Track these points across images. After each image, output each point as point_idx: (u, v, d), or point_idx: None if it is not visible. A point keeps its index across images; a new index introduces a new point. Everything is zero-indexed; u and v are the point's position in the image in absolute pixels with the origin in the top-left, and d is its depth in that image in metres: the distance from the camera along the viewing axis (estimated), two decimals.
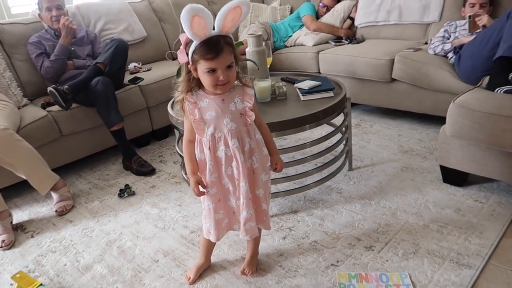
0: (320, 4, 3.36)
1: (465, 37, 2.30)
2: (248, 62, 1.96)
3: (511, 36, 1.84)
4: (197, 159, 1.29)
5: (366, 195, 1.88)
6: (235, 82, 1.25)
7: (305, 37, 3.21)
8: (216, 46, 1.12)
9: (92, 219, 1.96)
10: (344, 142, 2.02)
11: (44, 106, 2.35)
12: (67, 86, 2.19)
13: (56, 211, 2.03)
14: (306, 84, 2.00)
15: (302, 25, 3.36)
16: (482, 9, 2.40)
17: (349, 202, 1.84)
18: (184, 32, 1.16)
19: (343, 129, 2.01)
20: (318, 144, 1.83)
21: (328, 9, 3.33)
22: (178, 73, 1.30)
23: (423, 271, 1.39)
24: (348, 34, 3.20)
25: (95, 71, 2.31)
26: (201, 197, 1.34)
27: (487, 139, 1.60)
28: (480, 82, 1.97)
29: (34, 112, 2.29)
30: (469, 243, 1.49)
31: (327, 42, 3.18)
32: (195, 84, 1.22)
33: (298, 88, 2.00)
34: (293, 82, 2.14)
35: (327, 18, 3.28)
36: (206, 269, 1.52)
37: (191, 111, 1.22)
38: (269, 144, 1.35)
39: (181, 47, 1.18)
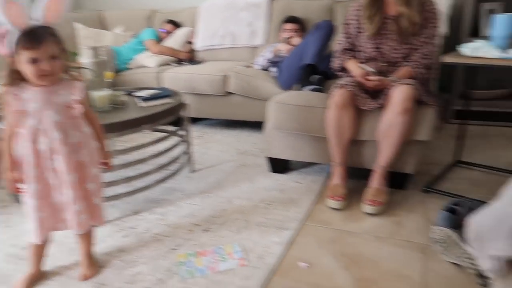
0: (161, 30, 3.54)
1: (280, 44, 2.77)
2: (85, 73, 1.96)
3: (309, 49, 2.30)
4: (17, 154, 1.24)
5: (206, 190, 2.02)
6: (65, 76, 1.25)
7: (148, 60, 3.31)
8: (36, 36, 1.12)
9: None
10: (184, 144, 2.15)
11: None
12: None
13: None
14: (145, 92, 2.09)
15: (144, 49, 3.46)
16: (294, 33, 2.90)
17: (190, 197, 1.95)
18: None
19: (181, 132, 2.14)
20: (157, 143, 1.92)
21: (169, 34, 3.51)
22: None
23: (252, 239, 1.57)
24: (188, 57, 3.43)
25: None
26: (24, 199, 1.28)
27: (299, 127, 1.93)
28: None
29: None
30: (289, 212, 1.75)
31: (169, 64, 3.34)
32: (18, 77, 1.19)
33: (136, 96, 2.07)
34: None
35: (168, 43, 3.46)
36: (39, 279, 1.41)
37: (12, 103, 1.18)
38: (100, 139, 1.37)
39: None
